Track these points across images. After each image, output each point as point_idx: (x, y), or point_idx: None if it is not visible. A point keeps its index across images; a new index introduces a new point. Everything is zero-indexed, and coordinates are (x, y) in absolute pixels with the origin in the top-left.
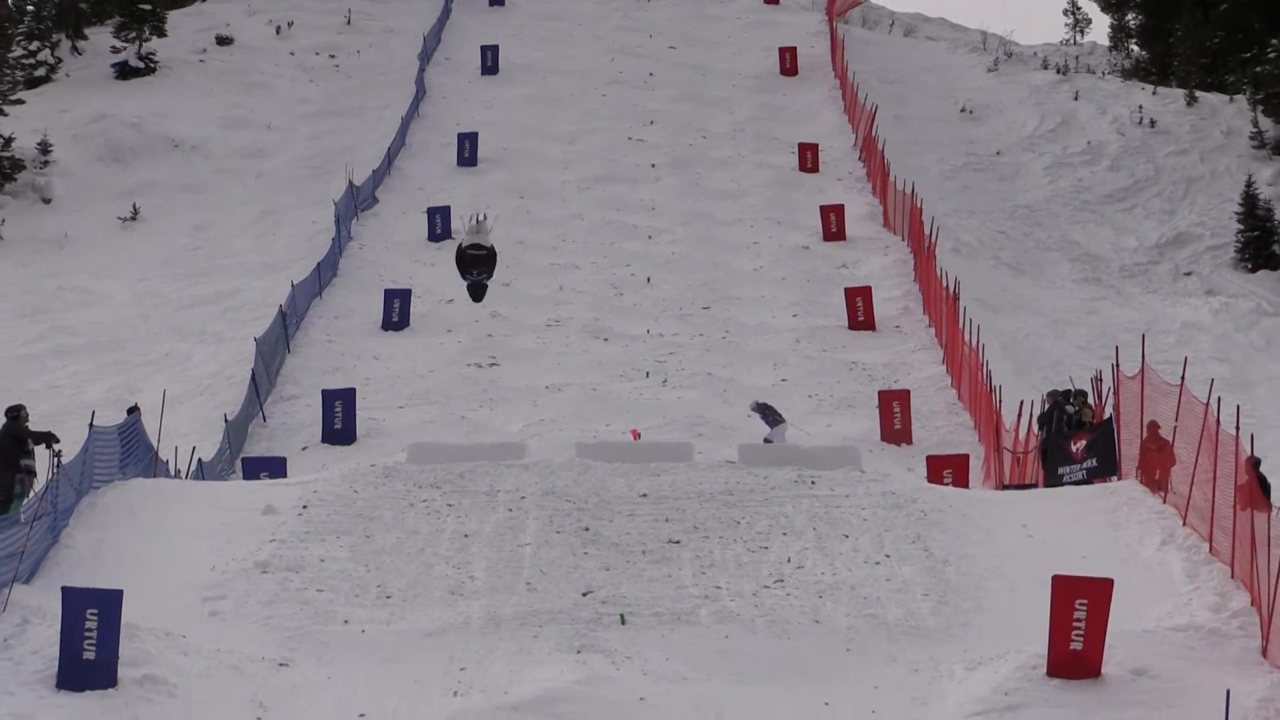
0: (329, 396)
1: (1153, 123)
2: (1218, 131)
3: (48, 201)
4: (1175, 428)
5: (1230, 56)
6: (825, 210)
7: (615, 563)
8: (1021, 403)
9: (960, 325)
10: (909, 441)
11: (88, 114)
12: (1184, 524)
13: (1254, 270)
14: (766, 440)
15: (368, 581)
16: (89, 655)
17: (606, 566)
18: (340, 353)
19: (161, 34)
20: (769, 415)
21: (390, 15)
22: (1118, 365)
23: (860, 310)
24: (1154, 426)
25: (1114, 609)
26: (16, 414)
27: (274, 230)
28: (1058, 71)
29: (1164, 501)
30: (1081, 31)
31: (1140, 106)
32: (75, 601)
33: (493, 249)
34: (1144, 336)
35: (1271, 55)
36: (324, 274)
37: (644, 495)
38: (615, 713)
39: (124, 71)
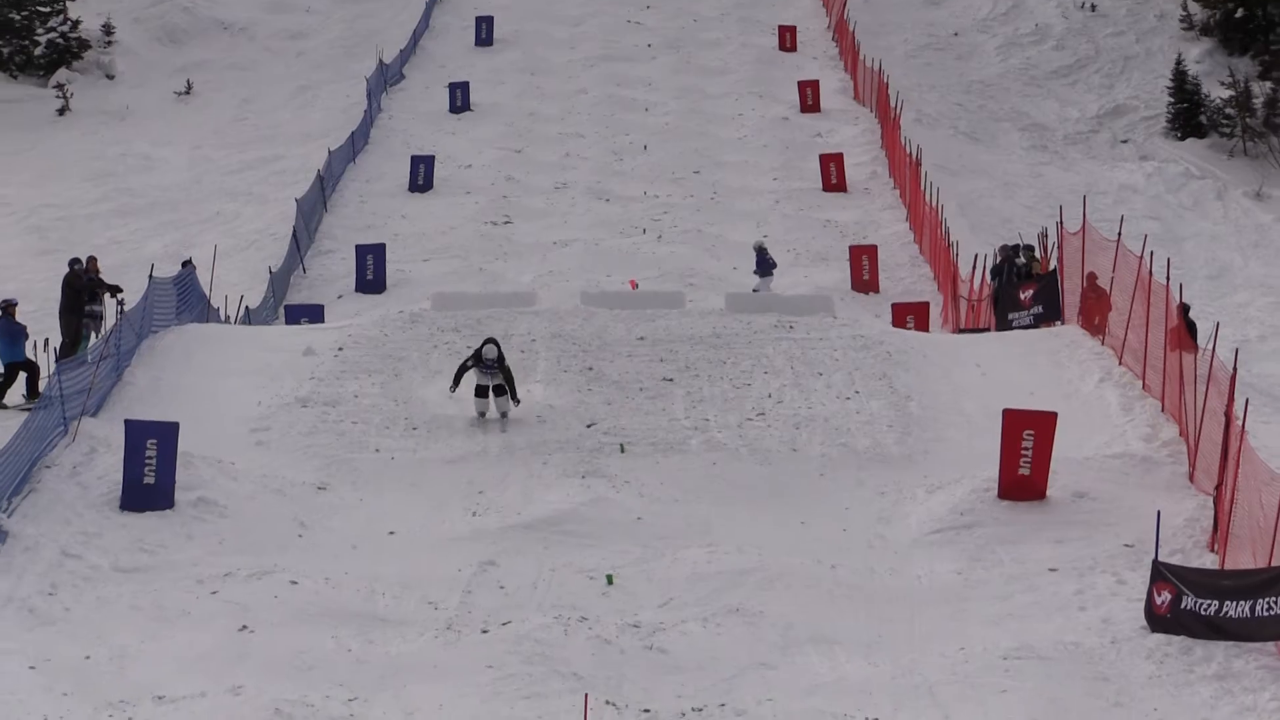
0: (361, 251)
1: (1093, 7)
2: (1151, 15)
3: (111, 78)
4: (1112, 278)
5: None
6: (802, 85)
7: (615, 398)
8: (976, 256)
9: (922, 188)
10: (876, 291)
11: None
12: (1120, 364)
13: (1183, 138)
14: (755, 290)
15: (396, 415)
16: (149, 480)
17: (608, 401)
18: (371, 212)
19: None
20: (763, 260)
21: None
22: (1061, 223)
23: (833, 174)
24: (1093, 277)
25: (1057, 439)
26: (72, 266)
27: (312, 103)
28: None
29: (1102, 344)
30: None
31: None
32: (137, 432)
33: (507, 374)
34: (1085, 197)
35: None
36: (357, 142)
37: (641, 338)
38: (615, 530)
39: None
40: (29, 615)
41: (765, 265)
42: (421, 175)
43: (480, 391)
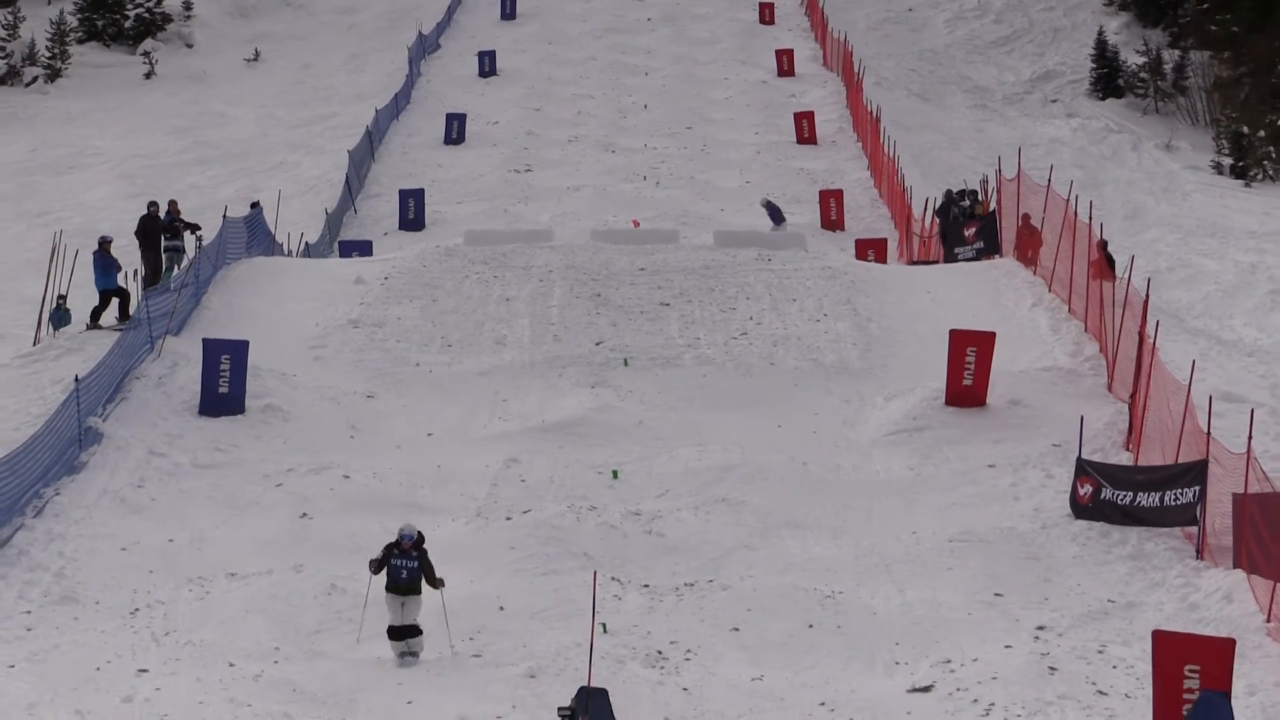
0: (404, 194)
1: None
2: None
3: (190, 47)
4: (1043, 218)
5: None
6: (779, 53)
7: (620, 320)
8: (926, 199)
9: (881, 141)
10: (842, 229)
11: None
12: (1050, 291)
13: (1103, 99)
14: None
15: (433, 334)
16: (223, 390)
17: (614, 323)
18: (412, 161)
19: None
20: (774, 213)
21: None
22: (1000, 171)
23: (805, 129)
24: (1026, 217)
25: (996, 355)
26: (149, 208)
27: (362, 69)
28: None
29: (1034, 274)
30: None
31: None
32: (213, 349)
33: (425, 561)
34: (1020, 149)
35: None
36: (399, 102)
37: (642, 269)
38: (620, 432)
39: None
40: (121, 504)
41: (777, 216)
42: (455, 130)
43: (393, 612)
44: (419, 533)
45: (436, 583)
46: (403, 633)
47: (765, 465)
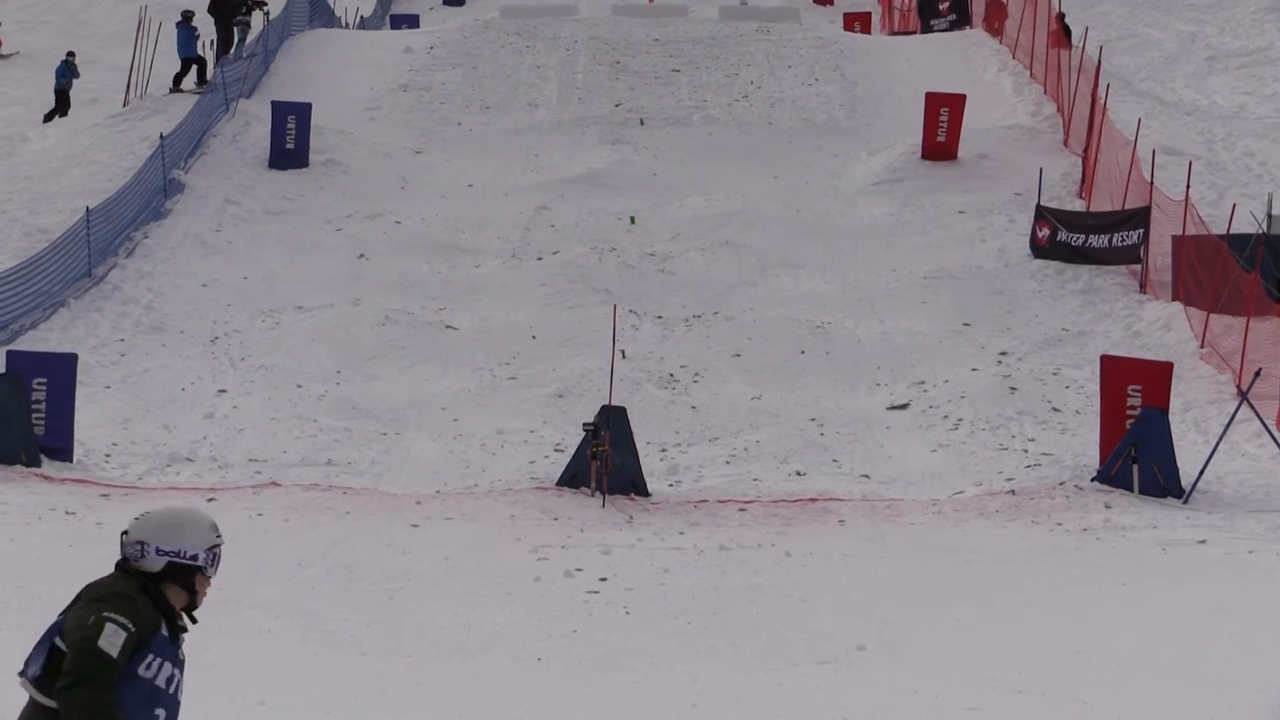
0: None
1: None
2: None
3: None
4: None
5: None
6: None
7: (637, 84)
8: None
9: None
10: (831, 3)
11: None
12: (1014, 58)
13: None
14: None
15: (473, 97)
16: (290, 146)
17: (631, 87)
18: None
19: None
20: None
21: None
22: None
23: None
24: None
25: (966, 114)
26: None
27: None
28: None
29: (1000, 43)
30: None
31: None
32: (280, 110)
33: None
34: None
35: None
36: None
37: (656, 39)
38: (638, 182)
39: None
40: (201, 246)
41: None
42: None
43: None
44: None
45: None
46: None
47: (763, 212)
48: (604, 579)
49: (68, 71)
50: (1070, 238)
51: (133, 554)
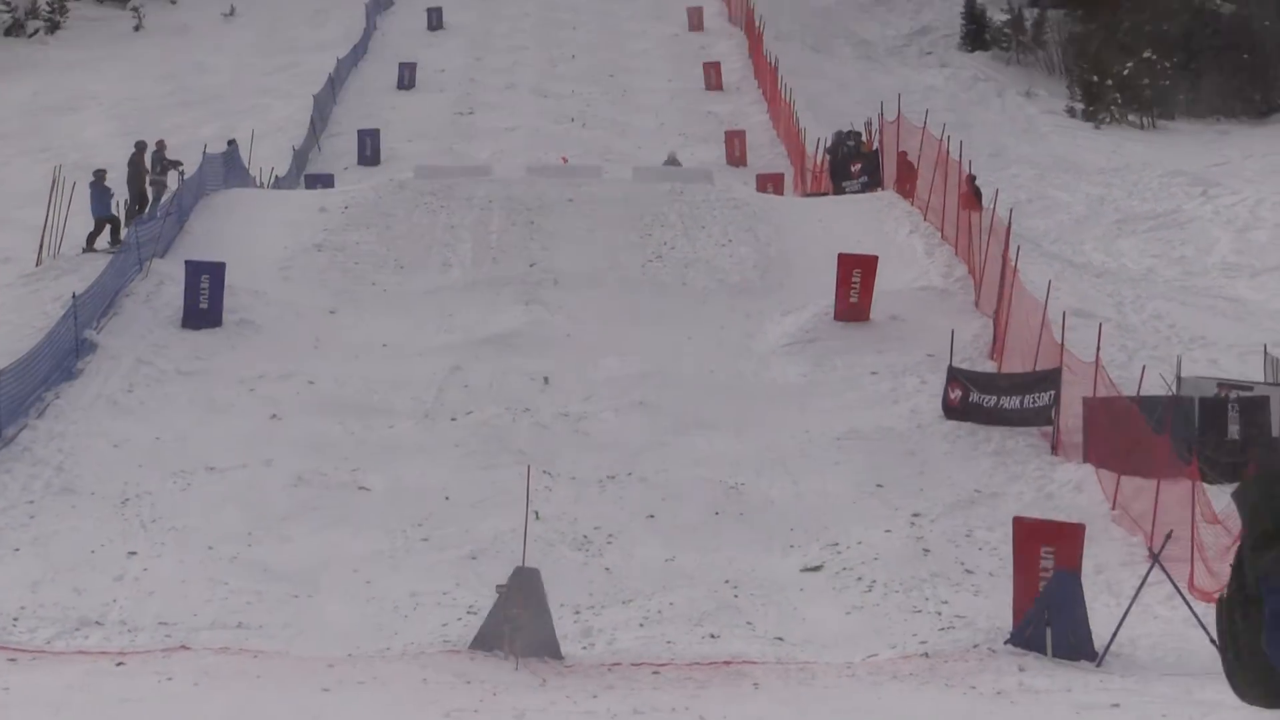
0: (362, 134)
1: None
2: None
3: (174, 2)
4: (919, 155)
5: None
6: (690, 10)
7: (551, 244)
8: (819, 139)
9: (779, 88)
10: (744, 165)
11: None
12: (925, 220)
13: (972, 51)
14: (666, 163)
15: (387, 257)
16: (203, 305)
17: (545, 247)
18: (369, 104)
19: None
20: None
21: None
22: (882, 114)
23: (713, 78)
24: (904, 155)
25: (878, 275)
26: (137, 146)
27: (325, 23)
28: None
29: (912, 205)
30: None
31: None
32: (194, 270)
33: None
34: (899, 95)
35: None
36: (358, 52)
37: (570, 200)
38: (552, 342)
39: None
40: (113, 406)
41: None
42: (406, 77)
43: None
44: None
45: None
46: None
47: (677, 372)
48: None
49: None
50: (982, 399)
51: None
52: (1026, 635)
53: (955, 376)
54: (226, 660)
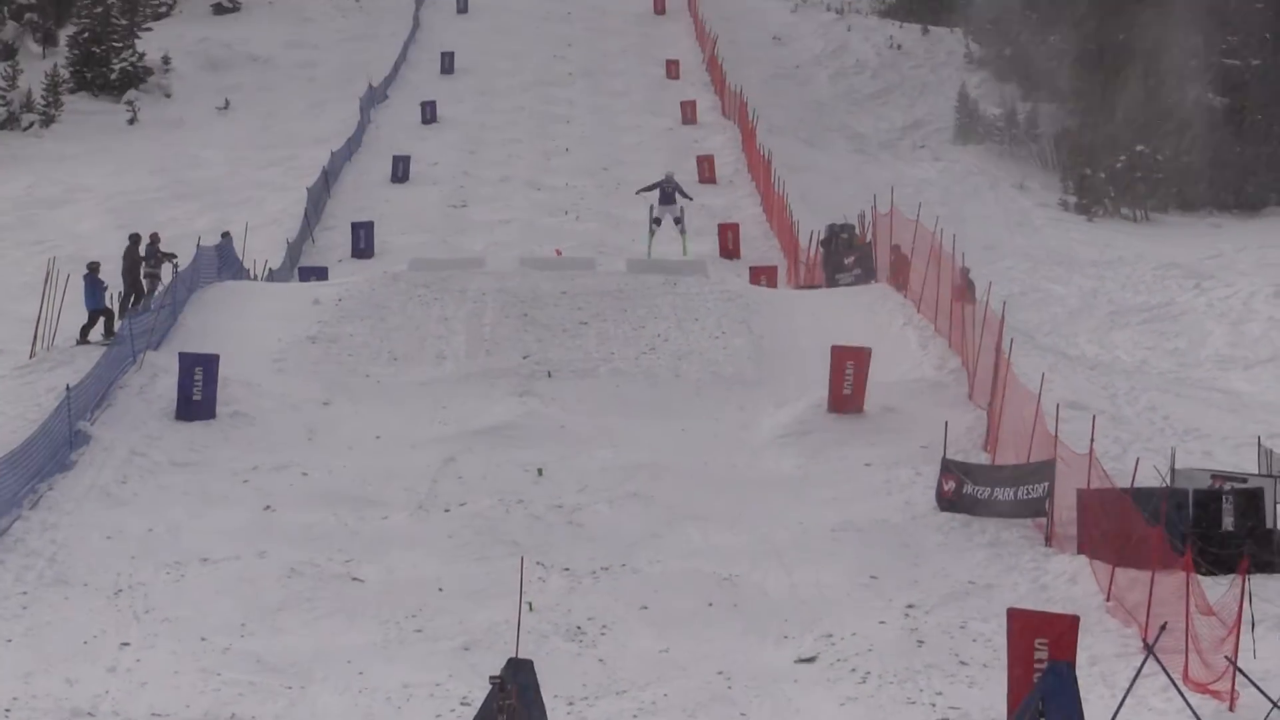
0: (356, 227)
1: (899, 46)
2: (943, 52)
3: (169, 96)
4: (913, 248)
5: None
6: (684, 104)
7: (545, 337)
8: (812, 232)
9: (772, 181)
10: (738, 257)
11: (195, 38)
12: (918, 312)
13: (965, 145)
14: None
15: (381, 349)
16: (197, 397)
17: (539, 339)
18: (363, 198)
19: None
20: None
21: None
22: (875, 207)
23: (706, 170)
24: (898, 247)
25: (872, 368)
26: (130, 239)
27: (320, 116)
28: (836, 12)
29: (905, 297)
30: None
31: (891, 35)
32: (188, 362)
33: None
34: (892, 188)
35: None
36: (352, 146)
37: (564, 292)
38: (545, 434)
39: (218, 9)
40: (106, 498)
41: (668, 197)
42: (400, 170)
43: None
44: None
45: None
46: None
47: (671, 464)
48: None
49: None
50: (976, 491)
51: None
52: None
53: (949, 468)
54: None
